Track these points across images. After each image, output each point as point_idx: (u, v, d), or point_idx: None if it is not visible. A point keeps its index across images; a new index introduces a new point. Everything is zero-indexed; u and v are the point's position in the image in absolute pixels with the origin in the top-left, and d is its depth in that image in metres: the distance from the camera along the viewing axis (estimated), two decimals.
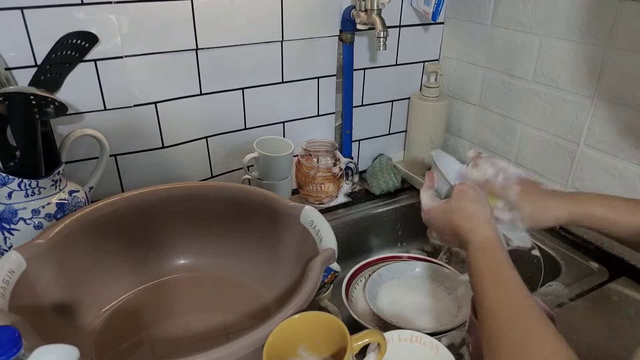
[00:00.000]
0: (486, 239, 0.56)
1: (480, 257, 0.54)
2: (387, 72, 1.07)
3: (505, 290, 0.51)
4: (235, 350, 0.46)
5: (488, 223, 0.57)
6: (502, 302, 0.49)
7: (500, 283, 0.51)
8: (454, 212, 0.60)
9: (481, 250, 0.55)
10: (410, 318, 0.76)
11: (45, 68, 0.69)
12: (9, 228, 0.67)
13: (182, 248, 0.77)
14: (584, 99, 0.85)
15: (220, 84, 0.89)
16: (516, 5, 0.92)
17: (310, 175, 0.96)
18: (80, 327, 0.64)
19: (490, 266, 0.53)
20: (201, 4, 0.80)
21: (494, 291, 0.51)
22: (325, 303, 0.69)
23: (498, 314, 0.48)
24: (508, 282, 0.51)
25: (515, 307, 0.48)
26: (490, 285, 0.52)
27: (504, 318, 0.48)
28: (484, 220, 0.58)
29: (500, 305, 0.49)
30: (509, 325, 0.47)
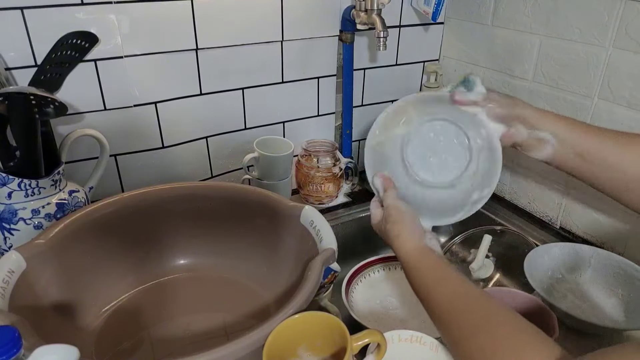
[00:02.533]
0: (411, 251, 0.60)
1: (411, 269, 0.59)
2: (387, 72, 1.07)
3: (446, 287, 0.53)
4: (235, 350, 0.46)
5: (411, 237, 0.61)
6: (446, 298, 0.52)
7: (438, 283, 0.54)
8: (383, 234, 0.66)
9: (409, 264, 0.59)
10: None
11: (45, 68, 0.69)
12: (9, 228, 0.67)
13: (182, 248, 0.77)
14: (584, 99, 0.85)
15: (220, 84, 0.89)
16: (516, 5, 0.92)
17: (310, 175, 0.96)
18: (80, 327, 0.64)
19: (424, 272, 0.57)
20: (201, 4, 0.80)
21: (435, 291, 0.54)
22: (325, 303, 0.69)
23: (448, 310, 0.51)
24: (446, 279, 0.54)
25: (462, 298, 0.51)
26: (430, 288, 0.55)
27: (455, 310, 0.50)
28: (407, 237, 0.61)
29: (446, 301, 0.52)
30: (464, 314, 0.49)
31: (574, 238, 0.91)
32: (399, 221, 0.63)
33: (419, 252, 0.60)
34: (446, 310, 0.51)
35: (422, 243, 0.61)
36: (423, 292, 0.56)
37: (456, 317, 0.49)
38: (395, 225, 0.63)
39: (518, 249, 0.86)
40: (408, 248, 0.60)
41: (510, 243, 0.88)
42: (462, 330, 0.48)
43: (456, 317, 0.49)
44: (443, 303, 0.52)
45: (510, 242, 0.88)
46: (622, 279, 0.76)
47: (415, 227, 0.63)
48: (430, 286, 0.55)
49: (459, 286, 0.52)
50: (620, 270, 0.77)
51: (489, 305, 0.48)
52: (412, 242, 0.61)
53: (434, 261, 0.58)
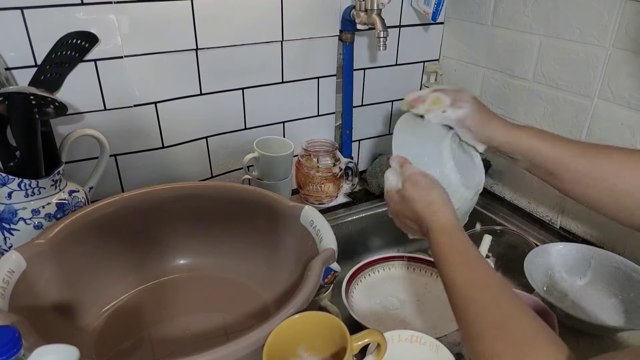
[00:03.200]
0: (448, 222, 0.57)
1: (444, 240, 0.55)
2: (387, 72, 1.07)
3: (475, 270, 0.51)
4: (235, 350, 0.46)
5: (447, 207, 0.58)
6: (474, 283, 0.50)
7: (469, 264, 0.52)
8: (411, 201, 0.60)
9: (444, 233, 0.56)
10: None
11: (45, 68, 0.69)
12: (9, 228, 0.67)
13: (182, 248, 0.77)
14: (584, 99, 0.85)
15: (220, 84, 0.89)
16: (516, 5, 0.92)
17: (310, 175, 0.96)
18: (80, 327, 0.64)
19: (456, 248, 0.54)
20: (201, 4, 0.80)
21: (464, 272, 0.51)
22: (325, 303, 0.69)
23: (472, 296, 0.49)
24: (476, 263, 0.52)
25: (489, 287, 0.49)
26: (459, 266, 0.52)
27: (480, 300, 0.48)
28: (443, 205, 0.58)
29: (473, 286, 0.50)
30: (486, 307, 0.47)
31: (574, 238, 0.91)
32: (431, 187, 0.59)
33: (453, 226, 0.56)
34: (469, 295, 0.49)
35: (456, 218, 0.58)
36: (449, 271, 0.53)
37: (479, 306, 0.48)
38: (428, 191, 0.59)
39: (518, 249, 0.86)
40: (446, 217, 0.57)
41: (510, 243, 0.88)
42: (481, 321, 0.47)
43: (479, 306, 0.48)
44: (468, 287, 0.50)
45: (510, 242, 0.88)
46: (622, 279, 0.76)
47: (448, 199, 0.59)
48: (458, 267, 0.52)
49: (486, 275, 0.50)
50: (620, 270, 0.77)
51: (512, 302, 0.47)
52: (449, 212, 0.57)
53: (465, 241, 0.54)
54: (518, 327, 0.45)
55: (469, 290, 0.50)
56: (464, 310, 0.49)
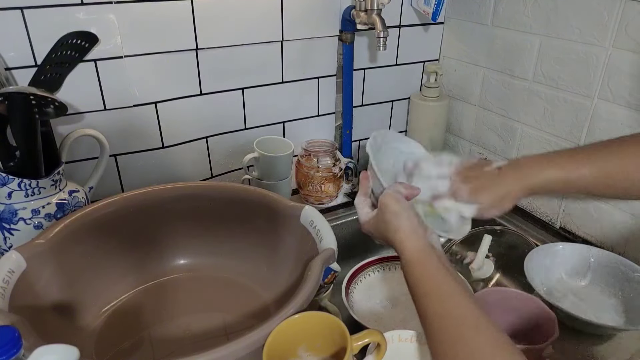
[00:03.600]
0: (414, 251, 0.54)
1: (411, 272, 0.53)
2: (387, 72, 1.07)
3: (443, 302, 0.49)
4: (235, 350, 0.46)
5: (413, 234, 0.55)
6: (441, 315, 0.48)
7: (437, 295, 0.50)
8: (381, 225, 0.59)
9: (410, 264, 0.53)
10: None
11: (45, 68, 0.69)
12: (9, 228, 0.67)
13: (182, 248, 0.77)
14: (584, 99, 0.85)
15: (220, 84, 0.89)
16: (516, 5, 0.92)
17: (310, 175, 0.96)
18: (80, 327, 0.64)
19: (422, 279, 0.52)
20: (201, 4, 0.80)
21: (432, 304, 0.50)
22: (325, 303, 0.70)
23: (439, 328, 0.48)
24: (444, 293, 0.50)
25: (455, 320, 0.47)
26: (426, 297, 0.51)
27: (446, 332, 0.47)
28: (409, 233, 0.55)
29: (441, 318, 0.48)
30: (452, 340, 0.46)
31: (574, 238, 0.91)
32: (399, 213, 0.56)
33: (420, 252, 0.54)
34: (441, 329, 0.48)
35: (425, 240, 0.55)
36: (420, 302, 0.52)
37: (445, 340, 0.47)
38: (395, 217, 0.56)
39: (518, 249, 0.86)
40: (413, 246, 0.54)
41: (510, 243, 0.88)
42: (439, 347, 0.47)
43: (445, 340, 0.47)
44: (438, 320, 0.49)
45: (510, 242, 0.88)
46: (622, 279, 0.76)
47: (417, 221, 0.57)
48: (426, 298, 0.51)
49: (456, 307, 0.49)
50: (619, 270, 0.77)
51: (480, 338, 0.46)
52: (415, 238, 0.55)
53: (435, 270, 0.52)
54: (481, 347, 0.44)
55: (436, 322, 0.49)
56: (435, 340, 0.48)
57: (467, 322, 0.47)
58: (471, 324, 0.46)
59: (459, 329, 0.46)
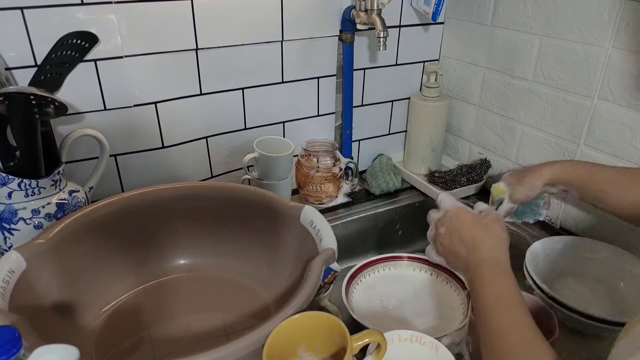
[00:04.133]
0: (504, 262, 0.59)
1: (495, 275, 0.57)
2: (387, 72, 1.07)
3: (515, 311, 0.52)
4: (235, 350, 0.46)
5: (507, 251, 0.61)
6: (511, 322, 0.51)
7: (512, 304, 0.53)
8: (482, 226, 0.63)
9: (498, 269, 0.58)
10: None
11: (45, 68, 0.69)
12: (9, 228, 0.67)
13: (182, 248, 0.77)
14: (584, 99, 0.85)
15: (220, 84, 0.89)
16: (516, 5, 0.92)
17: (310, 175, 0.96)
18: (80, 327, 0.64)
19: (503, 286, 0.55)
20: (201, 4, 0.80)
21: (505, 311, 0.52)
22: (325, 303, 0.69)
23: (508, 333, 0.50)
24: (517, 304, 0.53)
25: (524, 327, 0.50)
26: (501, 304, 0.53)
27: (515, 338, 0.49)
28: (506, 248, 0.61)
29: (510, 325, 0.51)
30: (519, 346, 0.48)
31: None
32: (505, 231, 0.64)
33: (508, 264, 0.59)
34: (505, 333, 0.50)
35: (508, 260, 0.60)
36: (492, 304, 0.54)
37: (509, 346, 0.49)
38: (503, 232, 0.63)
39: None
40: (505, 255, 0.60)
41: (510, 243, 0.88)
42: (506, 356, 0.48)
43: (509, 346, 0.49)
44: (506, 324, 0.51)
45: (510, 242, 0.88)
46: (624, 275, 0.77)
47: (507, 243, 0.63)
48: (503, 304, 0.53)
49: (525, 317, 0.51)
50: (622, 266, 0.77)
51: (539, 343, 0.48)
52: (507, 254, 0.60)
53: (514, 281, 0.56)
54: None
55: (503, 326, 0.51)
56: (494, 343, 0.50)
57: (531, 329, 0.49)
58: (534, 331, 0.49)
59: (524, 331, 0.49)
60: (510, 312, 0.52)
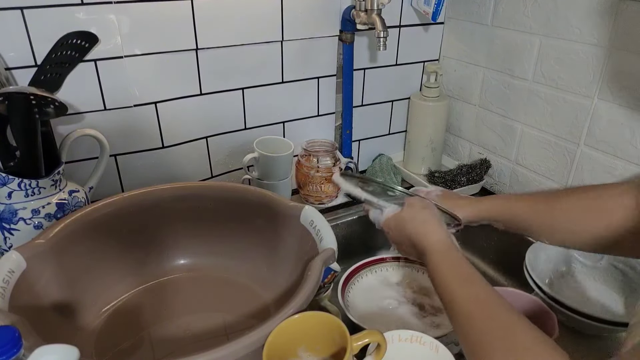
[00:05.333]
0: (441, 242, 0.59)
1: (439, 260, 0.57)
2: (387, 72, 1.07)
3: (472, 287, 0.52)
4: (235, 350, 0.46)
5: (439, 227, 0.61)
6: (472, 299, 0.51)
7: (466, 281, 0.53)
8: (407, 222, 0.64)
9: (439, 253, 0.58)
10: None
11: (45, 68, 0.69)
12: (9, 228, 0.67)
13: (182, 248, 0.77)
14: (584, 99, 0.85)
15: (220, 84, 0.89)
16: (516, 5, 0.92)
17: (310, 175, 0.96)
18: (80, 327, 0.64)
19: (451, 267, 0.56)
20: (201, 4, 0.80)
21: (462, 290, 0.53)
22: (325, 303, 0.69)
23: (471, 311, 0.50)
24: (472, 280, 0.53)
25: (487, 303, 0.50)
26: (456, 285, 0.53)
27: (479, 314, 0.49)
28: (436, 225, 0.61)
29: (471, 302, 0.51)
30: (487, 321, 0.48)
31: None
32: (425, 207, 0.63)
33: (447, 244, 0.58)
34: (469, 312, 0.50)
35: (447, 233, 0.60)
36: (447, 289, 0.54)
37: (479, 322, 0.49)
38: (422, 211, 0.63)
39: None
40: (438, 237, 0.59)
41: (510, 242, 0.88)
42: (483, 336, 0.47)
43: (479, 322, 0.49)
44: (467, 303, 0.51)
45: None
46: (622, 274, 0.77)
47: (441, 220, 0.62)
48: (456, 284, 0.53)
49: (483, 290, 0.51)
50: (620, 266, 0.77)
51: (510, 314, 0.48)
52: (442, 232, 0.60)
53: (460, 258, 0.56)
54: (518, 336, 0.45)
55: (467, 306, 0.51)
56: (465, 325, 0.50)
57: (496, 302, 0.49)
58: (499, 304, 0.49)
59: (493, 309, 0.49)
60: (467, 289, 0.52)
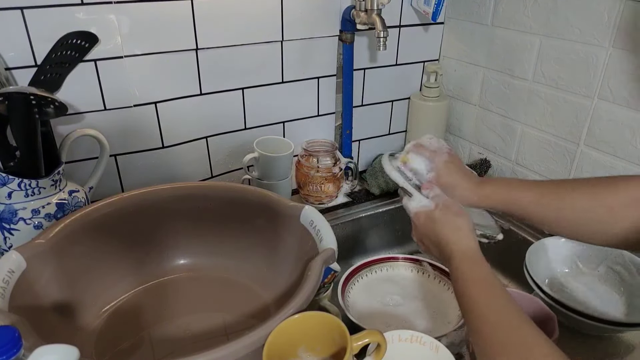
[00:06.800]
0: (472, 250, 0.58)
1: (467, 267, 0.57)
2: (387, 72, 1.07)
3: (496, 298, 0.52)
4: (235, 350, 0.46)
5: (472, 235, 0.60)
6: (493, 308, 0.51)
7: (490, 292, 0.53)
8: (437, 223, 0.62)
9: (468, 260, 0.57)
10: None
11: (45, 68, 0.69)
12: (9, 228, 0.67)
13: (182, 248, 0.77)
14: (584, 99, 0.85)
15: (220, 84, 0.89)
16: (516, 5, 0.92)
17: (310, 175, 0.96)
18: (80, 327, 0.64)
19: (478, 275, 0.55)
20: (201, 4, 0.80)
21: (486, 300, 0.52)
22: (325, 303, 0.69)
23: (492, 320, 0.50)
24: (496, 292, 0.53)
25: (508, 313, 0.50)
26: (480, 294, 0.53)
27: (500, 324, 0.49)
28: (469, 232, 0.60)
29: (492, 311, 0.51)
30: (507, 330, 0.48)
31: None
32: (461, 214, 0.62)
33: (477, 254, 0.58)
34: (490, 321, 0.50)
35: (479, 248, 0.59)
36: (471, 297, 0.54)
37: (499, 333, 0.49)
38: (458, 217, 0.61)
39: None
40: (468, 245, 0.59)
41: (510, 242, 0.88)
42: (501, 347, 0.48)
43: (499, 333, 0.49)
44: (489, 313, 0.51)
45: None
46: (624, 274, 0.77)
47: (473, 230, 0.61)
48: (480, 293, 0.53)
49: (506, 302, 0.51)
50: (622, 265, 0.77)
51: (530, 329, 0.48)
52: (473, 241, 0.59)
53: (487, 268, 0.56)
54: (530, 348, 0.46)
55: (489, 315, 0.51)
56: (482, 331, 0.50)
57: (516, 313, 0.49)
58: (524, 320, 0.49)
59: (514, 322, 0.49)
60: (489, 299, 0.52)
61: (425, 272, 0.83)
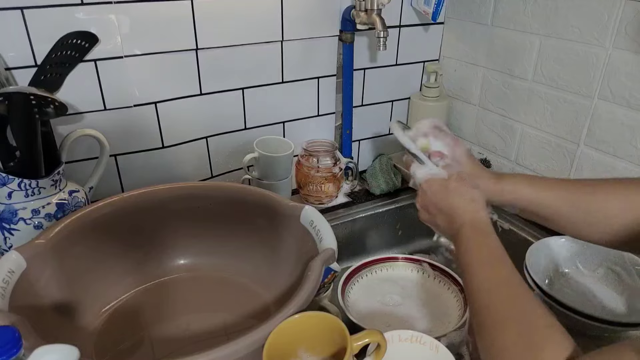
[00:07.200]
0: (484, 223, 0.59)
1: (476, 237, 0.58)
2: (387, 72, 1.07)
3: (502, 268, 0.53)
4: (235, 350, 0.46)
5: (484, 209, 0.61)
6: (500, 279, 0.52)
7: (497, 261, 0.54)
8: (452, 192, 0.63)
9: (478, 231, 0.58)
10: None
11: (45, 68, 0.69)
12: (9, 228, 0.67)
13: (182, 248, 0.77)
14: (584, 98, 0.85)
15: (220, 84, 0.89)
16: (516, 5, 0.92)
17: (310, 175, 0.96)
18: (80, 327, 0.64)
19: (487, 245, 0.56)
20: (201, 4, 0.80)
21: (491, 268, 0.53)
22: (325, 303, 0.69)
23: (496, 290, 0.51)
24: (503, 262, 0.54)
25: (513, 284, 0.51)
26: (486, 262, 0.54)
27: (504, 294, 0.50)
28: (483, 205, 0.61)
29: (498, 282, 0.52)
30: (510, 300, 0.49)
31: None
32: (476, 187, 0.63)
33: (488, 225, 0.59)
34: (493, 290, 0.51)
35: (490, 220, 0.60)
36: (476, 265, 0.55)
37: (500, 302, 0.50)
38: (473, 190, 0.62)
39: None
40: (484, 217, 0.60)
41: (510, 242, 0.88)
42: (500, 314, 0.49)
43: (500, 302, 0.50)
44: (494, 282, 0.52)
45: (510, 242, 0.88)
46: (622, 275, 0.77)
47: (485, 204, 0.62)
48: (486, 262, 0.54)
49: (512, 273, 0.52)
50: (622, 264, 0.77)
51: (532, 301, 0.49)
52: (485, 214, 0.60)
53: (496, 239, 0.57)
54: (531, 319, 0.46)
55: (490, 284, 0.52)
56: (483, 301, 0.51)
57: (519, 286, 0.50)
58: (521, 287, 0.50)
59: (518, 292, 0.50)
60: (496, 270, 0.53)
61: (425, 272, 0.83)
